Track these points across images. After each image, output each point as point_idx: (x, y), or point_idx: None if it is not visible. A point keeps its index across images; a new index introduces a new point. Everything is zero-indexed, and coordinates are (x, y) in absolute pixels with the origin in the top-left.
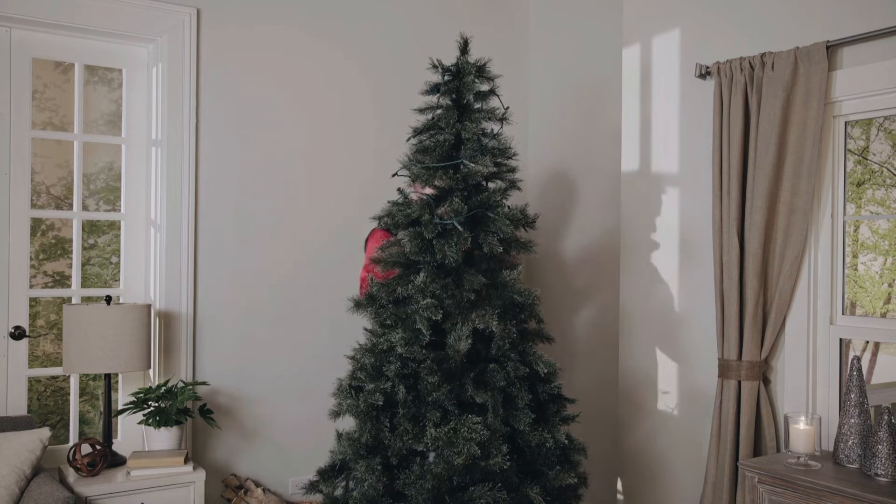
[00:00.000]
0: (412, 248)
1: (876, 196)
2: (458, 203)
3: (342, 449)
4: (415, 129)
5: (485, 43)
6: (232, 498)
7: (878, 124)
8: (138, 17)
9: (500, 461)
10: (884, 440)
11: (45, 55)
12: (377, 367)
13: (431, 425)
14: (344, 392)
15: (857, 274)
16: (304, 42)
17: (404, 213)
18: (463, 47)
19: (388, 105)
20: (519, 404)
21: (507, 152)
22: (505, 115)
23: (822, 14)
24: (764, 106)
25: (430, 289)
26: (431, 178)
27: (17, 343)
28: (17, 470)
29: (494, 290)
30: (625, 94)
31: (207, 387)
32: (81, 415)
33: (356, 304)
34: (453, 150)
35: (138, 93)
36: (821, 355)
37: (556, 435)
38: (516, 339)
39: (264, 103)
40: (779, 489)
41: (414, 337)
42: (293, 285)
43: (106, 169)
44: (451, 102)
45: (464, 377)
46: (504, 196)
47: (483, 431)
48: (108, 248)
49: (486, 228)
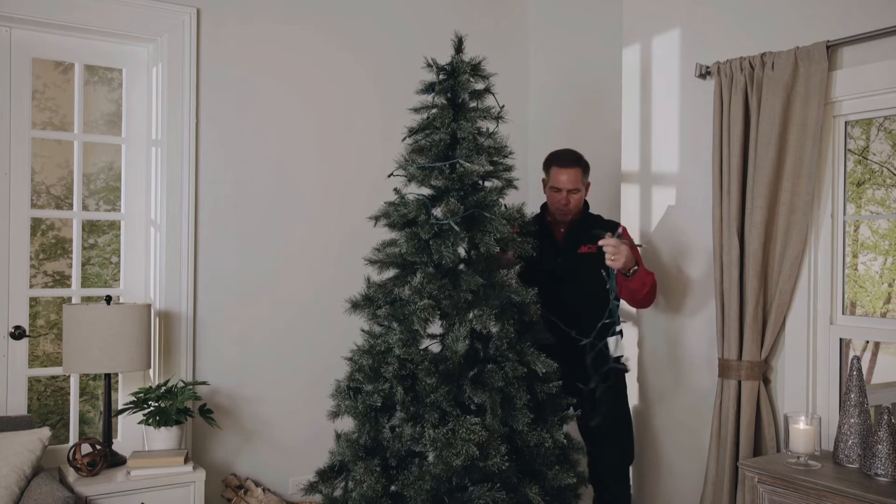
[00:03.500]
0: (409, 249)
1: (876, 196)
2: (454, 203)
3: (341, 450)
4: (410, 129)
5: (485, 42)
6: (232, 498)
7: (878, 124)
8: (138, 16)
9: (499, 461)
10: (884, 440)
11: (45, 55)
12: (375, 369)
13: (430, 426)
14: (342, 393)
15: (857, 274)
16: (304, 41)
17: (400, 213)
18: (457, 46)
19: (393, 102)
20: (517, 404)
21: (504, 151)
22: (500, 114)
23: (822, 14)
24: (764, 106)
25: (427, 289)
26: (427, 178)
27: (17, 343)
28: (17, 470)
29: (492, 289)
30: (625, 94)
31: (207, 387)
32: (81, 415)
33: (353, 304)
34: (449, 150)
35: (138, 93)
36: (821, 355)
37: (555, 435)
38: (514, 338)
39: (264, 103)
40: (779, 489)
41: (411, 338)
42: (293, 285)
43: (106, 169)
44: (447, 101)
45: (462, 378)
46: (500, 195)
47: (481, 432)
48: (108, 248)
49: (482, 228)
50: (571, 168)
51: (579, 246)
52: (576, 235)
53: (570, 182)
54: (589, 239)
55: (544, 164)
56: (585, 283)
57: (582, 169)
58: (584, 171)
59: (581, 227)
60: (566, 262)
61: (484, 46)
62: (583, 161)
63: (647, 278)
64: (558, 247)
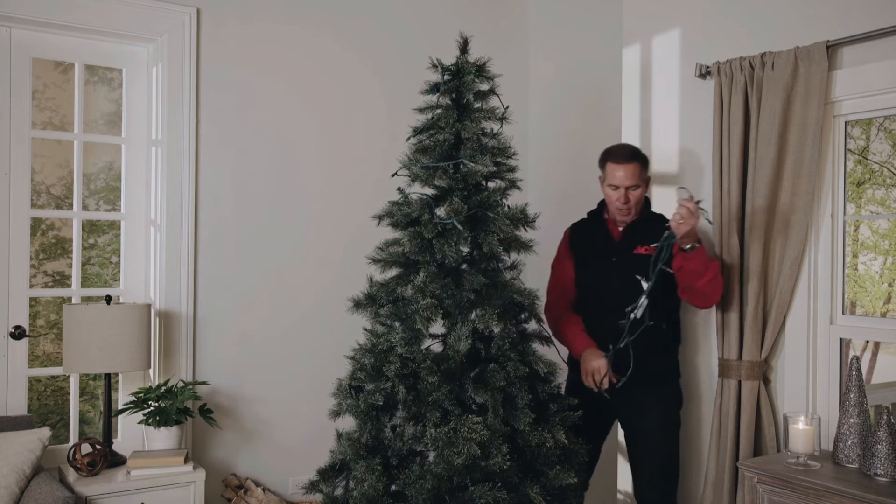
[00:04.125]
0: (412, 248)
1: (876, 196)
2: (457, 203)
3: (342, 449)
4: (414, 129)
5: (486, 42)
6: (232, 498)
7: (878, 124)
8: (138, 16)
9: (500, 461)
10: (883, 440)
11: (45, 55)
12: (377, 367)
13: (431, 425)
14: (344, 392)
15: (857, 274)
16: (304, 41)
17: (404, 212)
18: (462, 46)
19: (394, 102)
20: (519, 404)
21: (507, 152)
22: (505, 115)
23: (822, 14)
24: (764, 105)
25: (430, 289)
26: (431, 178)
27: (17, 343)
28: (17, 469)
29: (494, 289)
30: (625, 94)
31: (207, 386)
32: (81, 414)
33: (356, 303)
34: (453, 150)
35: (138, 93)
36: (821, 355)
37: (556, 435)
38: (516, 338)
39: (265, 103)
40: (778, 489)
41: (414, 337)
42: (294, 285)
43: (106, 169)
44: (451, 102)
45: (464, 377)
46: (504, 195)
47: (483, 431)
48: (108, 247)
49: (486, 228)
50: (629, 163)
51: (636, 246)
52: (634, 235)
53: (628, 178)
54: (651, 239)
55: (600, 161)
56: (636, 288)
57: (640, 163)
58: (643, 166)
59: (641, 227)
60: (619, 263)
61: (484, 46)
62: (640, 155)
63: (711, 263)
64: (613, 245)
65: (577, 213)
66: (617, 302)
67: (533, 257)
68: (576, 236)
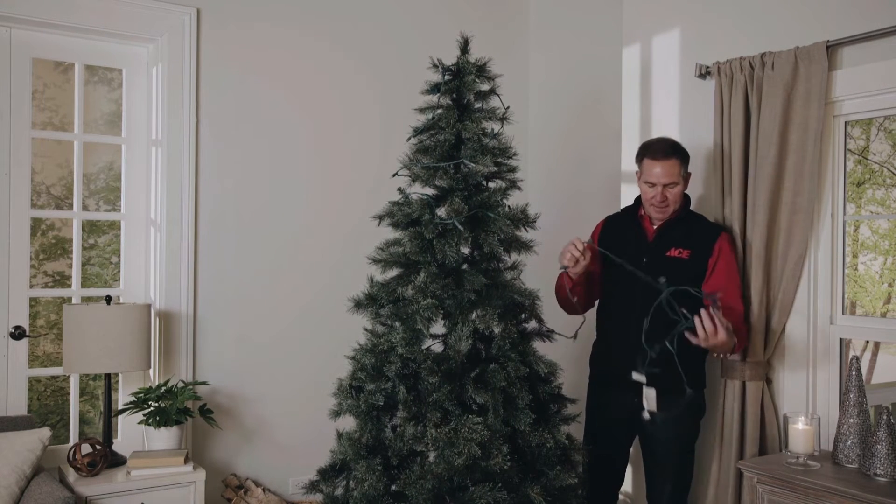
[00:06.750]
0: (412, 248)
1: (876, 196)
2: (458, 203)
3: (342, 449)
4: (415, 129)
5: (485, 42)
6: (232, 498)
7: (878, 124)
8: (138, 16)
9: (501, 461)
10: (883, 440)
11: (45, 55)
12: (378, 368)
13: (432, 425)
14: (344, 392)
15: (857, 274)
16: (304, 41)
17: (404, 212)
18: (463, 47)
19: (392, 104)
20: (519, 404)
21: (508, 152)
22: (505, 115)
23: (822, 14)
24: (764, 106)
25: (431, 289)
26: (432, 178)
27: (17, 343)
28: (18, 470)
29: (495, 289)
30: (625, 94)
31: (207, 387)
32: (81, 415)
33: (356, 303)
34: (454, 150)
35: (138, 93)
36: (821, 355)
37: (557, 435)
38: (517, 339)
39: (265, 103)
40: (778, 489)
41: (414, 337)
42: (293, 285)
43: (106, 169)
44: (452, 102)
45: (464, 377)
46: (504, 196)
47: (483, 432)
48: (108, 248)
49: (486, 228)
50: (667, 159)
51: (670, 248)
52: (669, 236)
53: (666, 175)
54: (688, 243)
55: (636, 156)
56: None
57: (679, 159)
58: (683, 162)
59: (678, 227)
60: (649, 265)
61: (484, 46)
62: (680, 149)
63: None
64: (646, 245)
65: (577, 213)
66: (643, 305)
67: (533, 257)
68: (607, 231)
